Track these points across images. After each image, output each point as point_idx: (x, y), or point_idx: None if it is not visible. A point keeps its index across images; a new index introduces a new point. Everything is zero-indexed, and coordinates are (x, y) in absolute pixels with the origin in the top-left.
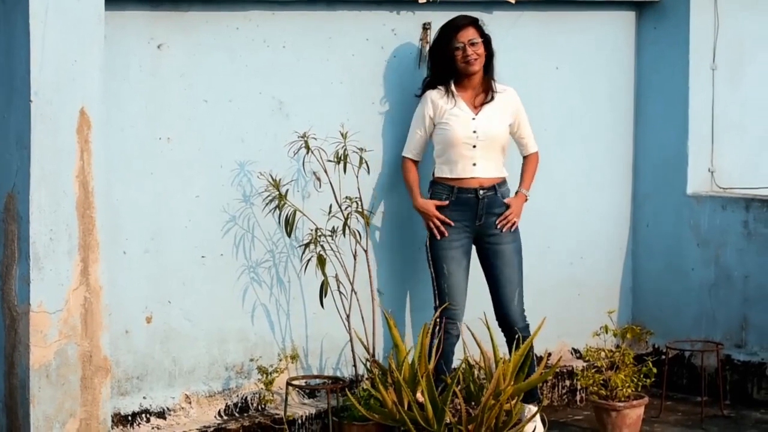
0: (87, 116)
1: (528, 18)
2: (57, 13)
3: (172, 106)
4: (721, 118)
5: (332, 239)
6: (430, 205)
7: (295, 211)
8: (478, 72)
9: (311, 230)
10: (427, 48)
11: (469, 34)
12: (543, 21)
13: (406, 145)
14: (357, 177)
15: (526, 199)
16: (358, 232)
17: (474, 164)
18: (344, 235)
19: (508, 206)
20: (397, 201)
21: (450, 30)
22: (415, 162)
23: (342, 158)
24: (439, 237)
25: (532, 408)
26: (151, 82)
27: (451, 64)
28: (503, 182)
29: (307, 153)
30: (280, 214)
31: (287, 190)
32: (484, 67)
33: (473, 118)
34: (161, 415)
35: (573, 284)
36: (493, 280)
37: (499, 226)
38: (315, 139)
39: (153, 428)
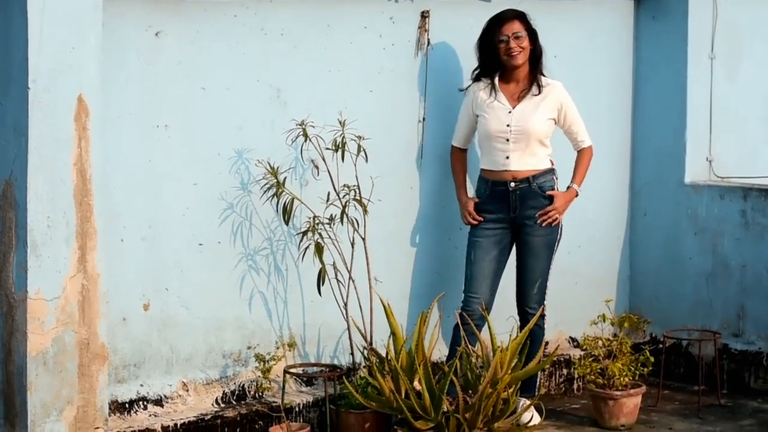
0: (85, 104)
1: (527, 6)
2: (55, 1)
3: (170, 93)
4: (719, 108)
5: (330, 227)
6: (468, 204)
7: (293, 199)
8: (522, 65)
9: (309, 218)
10: (426, 36)
11: (514, 27)
12: (542, 10)
13: (454, 133)
14: (355, 165)
15: (577, 195)
16: (356, 220)
17: (507, 157)
18: (342, 223)
19: (547, 198)
20: (395, 189)
21: (495, 23)
22: (462, 150)
23: (340, 146)
24: (474, 222)
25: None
26: (149, 70)
27: (496, 57)
28: (541, 174)
29: (305, 141)
30: (278, 202)
31: (285, 178)
32: (530, 61)
33: (509, 112)
34: (158, 402)
35: (571, 273)
36: (519, 267)
37: (539, 221)
38: (313, 126)
39: (150, 415)
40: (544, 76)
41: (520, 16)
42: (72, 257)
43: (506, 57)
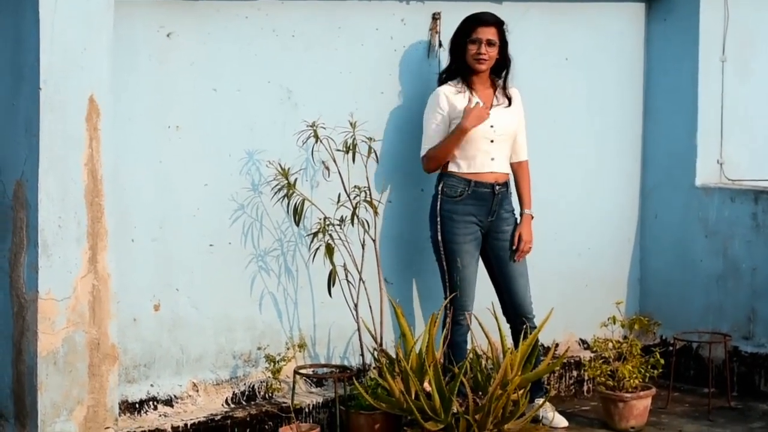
0: (96, 104)
1: (537, 9)
2: (66, 1)
3: (181, 94)
4: (730, 110)
5: (340, 228)
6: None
7: (303, 200)
8: (485, 72)
9: (320, 219)
10: (437, 38)
11: (490, 33)
12: (552, 13)
13: (424, 141)
14: (366, 166)
15: (532, 218)
16: (367, 221)
17: (492, 159)
18: (352, 225)
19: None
20: (405, 190)
21: (473, 22)
22: None
23: (351, 148)
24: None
25: (547, 405)
26: (160, 71)
27: (463, 56)
28: (508, 179)
29: (316, 142)
30: (288, 203)
31: (296, 179)
32: (494, 69)
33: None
34: (168, 402)
35: (581, 275)
36: (505, 274)
37: (516, 259)
38: (324, 128)
39: (160, 416)
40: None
41: (498, 24)
42: (83, 257)
43: (473, 60)
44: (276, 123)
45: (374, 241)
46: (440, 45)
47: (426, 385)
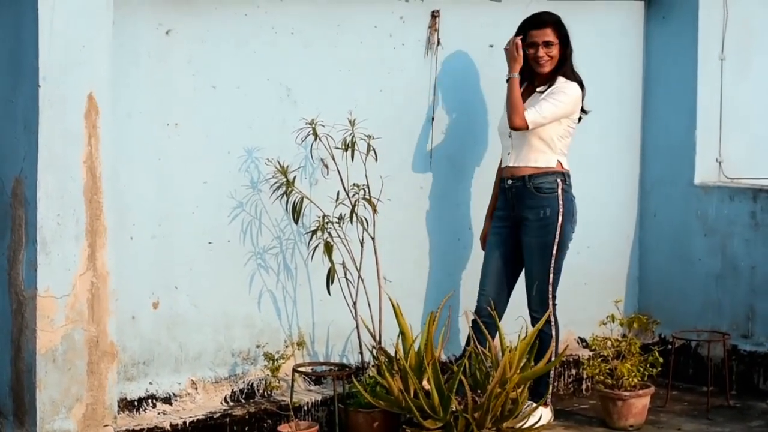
0: (95, 101)
1: (537, 7)
2: None
3: (180, 92)
4: (729, 108)
5: (339, 226)
6: (483, 232)
7: (302, 198)
8: (547, 73)
9: (318, 217)
10: (436, 36)
11: (546, 34)
12: (552, 9)
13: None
14: (364, 164)
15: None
16: (366, 219)
17: (508, 154)
18: (351, 222)
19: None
20: (404, 188)
21: (528, 26)
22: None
23: (350, 145)
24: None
25: (541, 408)
26: (159, 68)
27: (525, 59)
28: (541, 174)
29: (315, 140)
30: (287, 201)
31: (295, 177)
32: (556, 67)
33: None
34: (167, 400)
35: (580, 273)
36: (524, 270)
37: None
38: (323, 125)
39: (159, 413)
40: (574, 74)
41: (554, 23)
42: (81, 255)
43: (535, 64)
44: (275, 120)
45: (373, 239)
46: (439, 43)
47: (425, 383)
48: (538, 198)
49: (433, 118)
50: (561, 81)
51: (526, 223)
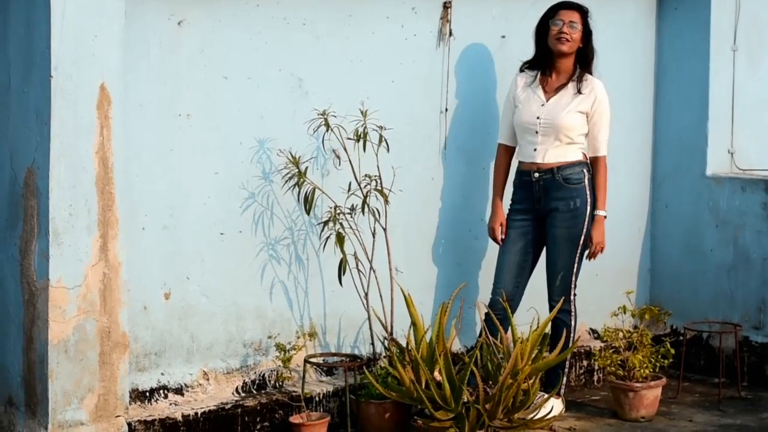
0: (107, 92)
1: (546, 1)
2: None
3: (192, 82)
4: (741, 100)
5: (351, 217)
6: (497, 221)
7: (314, 189)
8: (568, 57)
9: (330, 208)
10: (448, 27)
11: (573, 16)
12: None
13: (500, 130)
14: (376, 155)
15: (605, 217)
16: (377, 210)
17: (534, 149)
18: (363, 213)
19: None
20: (416, 179)
21: (557, 6)
22: (508, 148)
23: (362, 136)
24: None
25: (552, 399)
26: (171, 59)
27: (545, 40)
28: (569, 165)
29: (327, 131)
30: (299, 192)
31: (306, 168)
32: (577, 58)
33: (542, 104)
34: (179, 391)
35: (591, 265)
36: (546, 261)
37: (589, 259)
38: (335, 116)
39: (171, 404)
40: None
41: (582, 10)
42: (93, 246)
43: (555, 41)
44: (287, 111)
45: (385, 229)
46: (450, 34)
47: (436, 374)
48: (567, 189)
49: (445, 109)
50: (598, 84)
51: (555, 215)
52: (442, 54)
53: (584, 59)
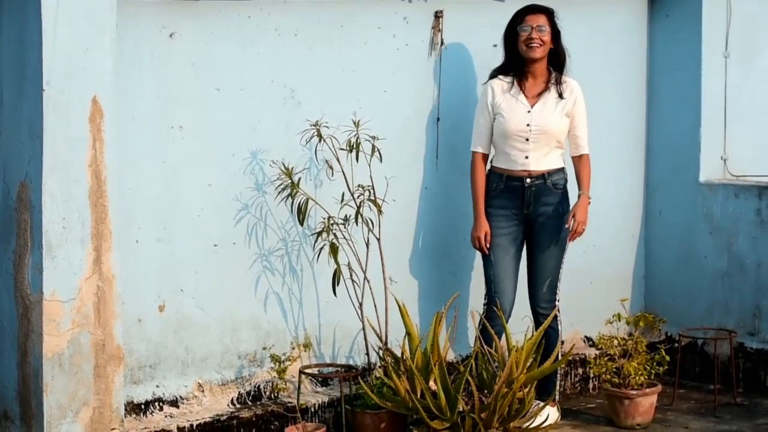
0: (99, 105)
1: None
2: (69, 2)
3: (184, 94)
4: (734, 106)
5: (345, 227)
6: (483, 230)
7: (307, 200)
8: (540, 61)
9: (324, 218)
10: (440, 36)
11: (539, 20)
12: (555, 8)
13: (473, 138)
14: (369, 165)
15: (589, 202)
16: (371, 220)
17: (526, 157)
18: (357, 224)
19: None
20: (409, 189)
21: (522, 12)
22: (485, 156)
23: (354, 146)
24: (487, 252)
25: (548, 407)
26: (163, 71)
27: (516, 48)
28: (556, 171)
29: (320, 141)
30: (292, 203)
31: (299, 179)
32: (549, 60)
33: (528, 111)
34: (174, 403)
35: (586, 272)
36: (530, 266)
37: (569, 239)
38: (327, 127)
39: (166, 416)
40: (561, 77)
41: (548, 12)
42: (87, 259)
43: (525, 47)
44: (279, 122)
45: (378, 240)
46: (442, 43)
47: (431, 383)
48: (554, 194)
49: (438, 119)
50: (575, 85)
51: (543, 220)
52: (434, 63)
53: (557, 60)
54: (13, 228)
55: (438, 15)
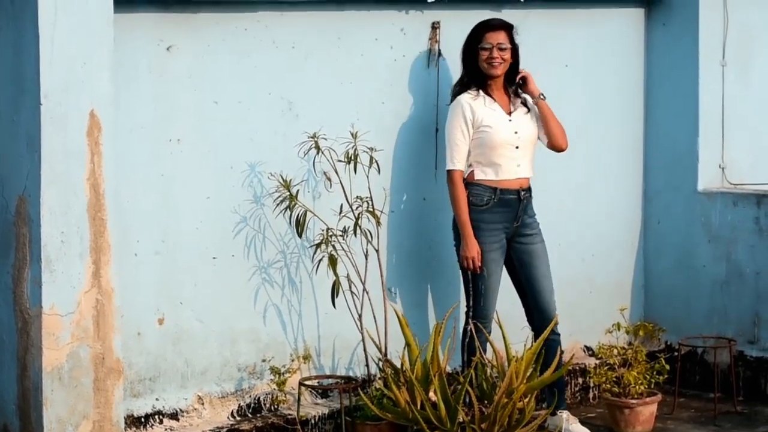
0: (97, 118)
1: (536, 16)
2: (66, 15)
3: (182, 107)
4: (731, 114)
5: (343, 239)
6: (474, 250)
7: (306, 212)
8: (500, 77)
9: (322, 230)
10: (437, 47)
11: (500, 37)
12: (551, 18)
13: (451, 156)
14: (367, 177)
15: (544, 98)
16: (369, 231)
17: (518, 165)
18: (355, 235)
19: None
20: (407, 200)
21: (482, 29)
22: (462, 174)
23: (352, 158)
24: (478, 271)
25: (563, 414)
26: (161, 84)
27: (475, 63)
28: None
29: (318, 153)
30: (290, 215)
31: (298, 191)
32: (507, 76)
33: (510, 120)
34: (174, 416)
35: (585, 281)
36: (531, 278)
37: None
38: (325, 139)
39: (166, 429)
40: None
41: (507, 28)
42: (86, 272)
43: (486, 65)
44: (277, 134)
45: (377, 251)
46: (440, 54)
47: (431, 394)
48: (533, 207)
49: (436, 129)
50: (528, 97)
51: (530, 232)
52: (431, 74)
53: (513, 74)
54: (11, 242)
55: (435, 26)
